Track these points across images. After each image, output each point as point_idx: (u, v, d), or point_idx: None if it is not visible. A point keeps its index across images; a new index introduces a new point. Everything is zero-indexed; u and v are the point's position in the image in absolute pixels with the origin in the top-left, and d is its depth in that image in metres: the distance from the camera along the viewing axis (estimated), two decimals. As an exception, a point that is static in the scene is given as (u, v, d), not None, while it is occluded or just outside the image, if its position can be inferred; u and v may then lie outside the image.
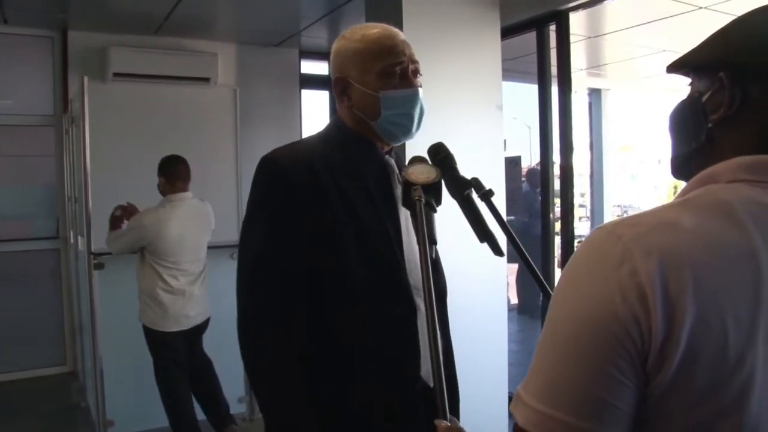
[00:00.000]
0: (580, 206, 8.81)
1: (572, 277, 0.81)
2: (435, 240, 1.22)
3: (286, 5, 4.95)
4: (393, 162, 1.61)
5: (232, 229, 4.78)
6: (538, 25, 4.04)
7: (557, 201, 4.20)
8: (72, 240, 5.13)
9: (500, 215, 1.51)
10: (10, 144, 5.40)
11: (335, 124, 1.63)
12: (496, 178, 3.48)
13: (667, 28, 4.86)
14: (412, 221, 1.27)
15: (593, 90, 7.63)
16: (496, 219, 1.49)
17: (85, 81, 3.92)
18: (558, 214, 4.17)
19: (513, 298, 6.89)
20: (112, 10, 4.88)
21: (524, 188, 7.28)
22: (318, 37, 5.70)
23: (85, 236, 3.97)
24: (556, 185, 4.15)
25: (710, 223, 0.77)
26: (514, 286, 7.16)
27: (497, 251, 1.45)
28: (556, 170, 4.11)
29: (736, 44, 0.86)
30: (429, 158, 1.55)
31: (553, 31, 3.99)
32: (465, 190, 1.50)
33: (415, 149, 1.61)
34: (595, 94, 7.65)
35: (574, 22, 3.94)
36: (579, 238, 4.20)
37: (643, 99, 9.04)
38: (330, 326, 1.48)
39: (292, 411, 1.44)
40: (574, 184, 4.10)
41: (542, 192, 4.28)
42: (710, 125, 0.87)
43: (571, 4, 3.73)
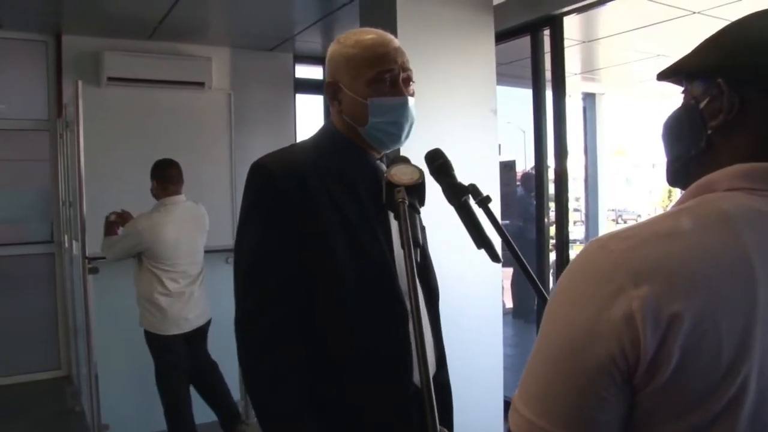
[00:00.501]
0: (575, 210, 8.83)
1: (564, 291, 0.81)
2: (419, 243, 1.20)
3: (281, 10, 4.96)
4: (384, 167, 1.61)
5: (226, 234, 4.78)
6: (533, 29, 4.06)
7: (552, 205, 4.21)
8: (66, 244, 5.12)
9: (498, 221, 1.51)
10: (5, 148, 5.39)
11: (327, 129, 1.63)
12: (490, 182, 3.48)
13: (661, 33, 4.88)
14: (397, 223, 1.25)
15: (587, 94, 7.64)
16: (493, 225, 1.49)
17: (80, 85, 3.92)
18: (553, 219, 4.18)
19: (508, 302, 6.90)
20: (107, 14, 4.88)
21: (519, 192, 7.29)
22: (312, 41, 5.71)
23: (80, 240, 3.96)
24: (551, 189, 4.16)
25: (706, 233, 0.77)
26: (509, 290, 7.17)
27: (494, 258, 1.45)
28: (551, 174, 4.12)
29: (733, 49, 0.85)
30: (426, 164, 1.55)
31: (547, 36, 4.00)
32: (462, 196, 1.50)
33: (410, 154, 1.61)
34: (590, 98, 7.67)
35: (568, 27, 3.96)
36: (573, 243, 4.21)
37: (637, 103, 9.08)
38: (321, 331, 1.47)
39: (288, 415, 1.44)
40: (569, 189, 4.11)
41: (537, 196, 4.29)
42: (709, 132, 0.86)
43: (566, 9, 3.75)
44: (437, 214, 1.54)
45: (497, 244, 1.49)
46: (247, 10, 4.86)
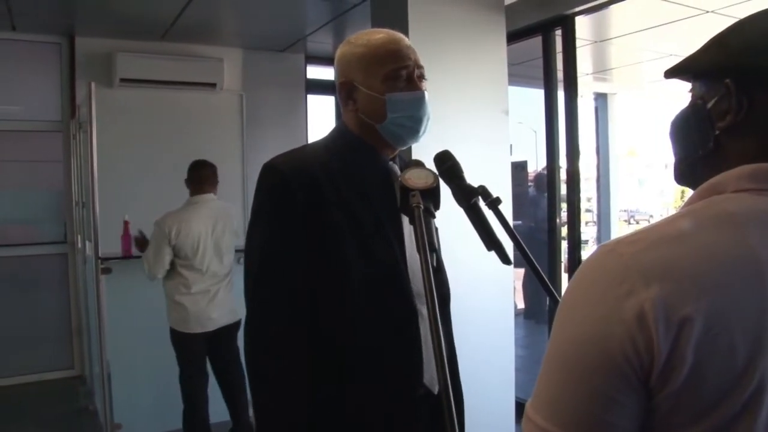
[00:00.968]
0: (587, 211, 8.79)
1: (574, 295, 0.81)
2: (435, 247, 1.20)
3: (292, 11, 4.97)
4: (396, 168, 1.60)
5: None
6: (544, 29, 4.05)
7: (564, 206, 4.19)
8: (79, 245, 5.15)
9: (508, 223, 1.50)
10: (19, 149, 5.44)
11: (339, 130, 1.63)
12: (502, 182, 3.48)
13: (674, 32, 4.86)
14: (412, 227, 1.25)
15: (599, 94, 7.61)
16: (503, 227, 1.48)
17: (93, 86, 3.94)
18: (564, 219, 4.17)
19: (519, 303, 6.88)
20: (119, 16, 4.91)
21: (531, 193, 7.28)
22: (324, 42, 5.72)
23: (93, 241, 3.99)
24: (563, 190, 4.15)
25: (713, 235, 0.76)
26: (520, 291, 7.15)
27: (505, 260, 1.44)
28: (563, 175, 4.11)
29: (740, 49, 0.84)
30: (435, 166, 1.55)
31: (559, 36, 3.99)
32: (472, 198, 1.50)
33: (422, 153, 1.61)
34: (602, 98, 7.64)
35: (580, 27, 3.95)
36: (585, 243, 4.20)
37: (649, 103, 9.03)
38: (329, 331, 1.47)
39: (290, 414, 1.45)
40: (581, 189, 4.09)
41: (549, 197, 4.27)
42: (717, 132, 0.85)
43: (577, 9, 3.73)
44: (449, 214, 1.53)
45: (508, 246, 1.48)
46: (258, 11, 4.87)
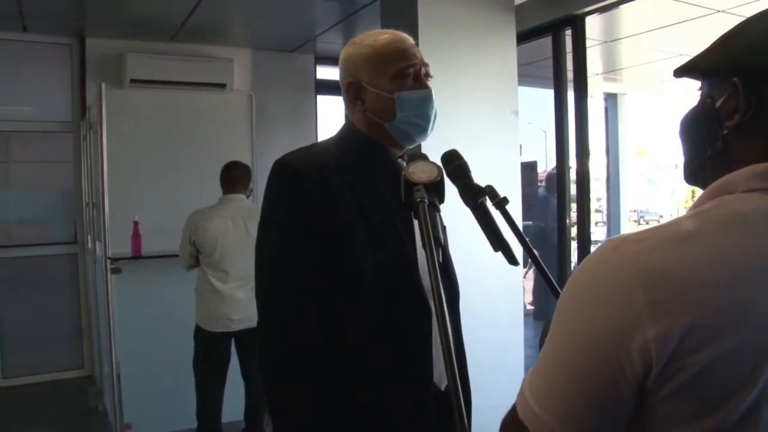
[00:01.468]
0: (597, 211, 8.76)
1: (575, 291, 0.81)
2: (440, 242, 1.19)
3: (302, 11, 4.98)
4: (405, 165, 1.60)
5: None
6: (554, 29, 4.03)
7: (573, 206, 4.18)
8: (89, 245, 5.17)
9: (515, 223, 1.49)
10: (29, 150, 5.48)
11: (347, 129, 1.64)
12: (511, 183, 3.47)
13: (684, 32, 4.83)
14: (417, 222, 1.24)
15: (609, 94, 7.59)
16: (510, 227, 1.48)
17: (103, 87, 3.96)
18: (574, 219, 4.16)
19: (529, 303, 6.87)
20: (129, 17, 4.93)
21: (542, 193, 7.26)
22: (333, 42, 5.72)
23: (103, 241, 4.00)
24: (573, 190, 4.13)
25: (722, 237, 0.76)
26: (530, 291, 7.13)
27: (512, 260, 1.44)
28: (573, 175, 4.09)
29: (748, 48, 0.83)
30: (443, 165, 1.54)
31: (568, 36, 3.98)
32: (479, 198, 1.49)
33: (431, 152, 1.61)
34: (612, 98, 7.61)
35: (589, 27, 3.93)
36: (595, 243, 4.18)
37: (659, 103, 8.99)
38: (342, 328, 1.47)
39: (301, 412, 1.44)
40: (591, 189, 4.08)
41: (558, 197, 4.26)
42: (725, 132, 0.84)
43: (587, 9, 3.72)
44: (457, 213, 1.53)
45: (516, 246, 1.47)
46: (268, 11, 4.88)
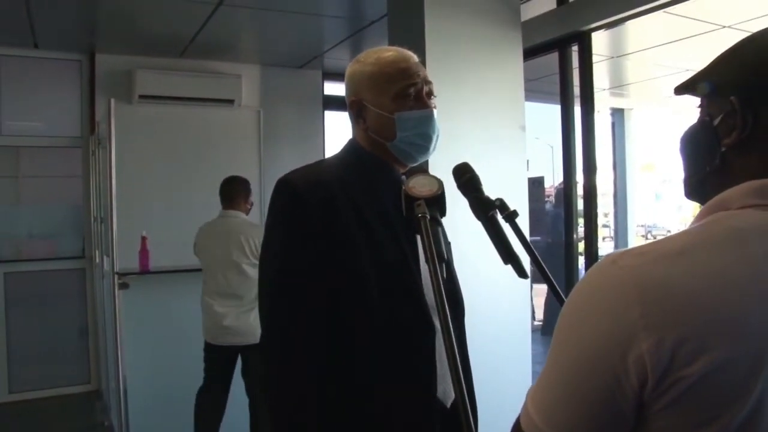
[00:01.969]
0: (604, 226, 8.74)
1: (574, 305, 0.82)
2: (444, 257, 1.19)
3: (310, 28, 5.01)
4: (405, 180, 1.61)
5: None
6: (561, 45, 4.04)
7: (581, 221, 4.17)
8: (97, 259, 5.19)
9: (525, 236, 1.50)
10: (39, 165, 5.52)
11: (351, 146, 1.64)
12: (519, 198, 3.46)
13: (690, 48, 4.84)
14: (420, 238, 1.24)
15: (616, 110, 7.60)
16: (520, 240, 1.48)
17: (112, 103, 3.99)
18: (582, 234, 4.14)
19: (538, 318, 6.85)
20: (139, 33, 4.98)
21: (550, 208, 7.25)
22: (341, 58, 5.75)
23: (111, 256, 4.01)
24: (580, 205, 4.13)
25: (716, 251, 0.77)
26: (540, 306, 7.10)
27: (521, 273, 1.44)
28: (580, 190, 4.09)
29: (745, 67, 0.85)
30: (454, 178, 1.55)
31: (575, 52, 3.99)
32: (489, 211, 1.49)
33: (439, 168, 1.61)
34: (618, 113, 7.63)
35: (596, 42, 3.94)
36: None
37: (666, 118, 8.99)
38: (346, 344, 1.47)
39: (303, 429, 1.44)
40: (598, 204, 4.07)
41: (565, 212, 4.25)
42: (724, 149, 0.86)
43: (594, 25, 3.73)
44: (465, 227, 1.53)
45: (525, 259, 1.47)
46: (276, 28, 4.92)
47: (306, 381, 1.44)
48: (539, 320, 7.08)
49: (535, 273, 1.69)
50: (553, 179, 7.18)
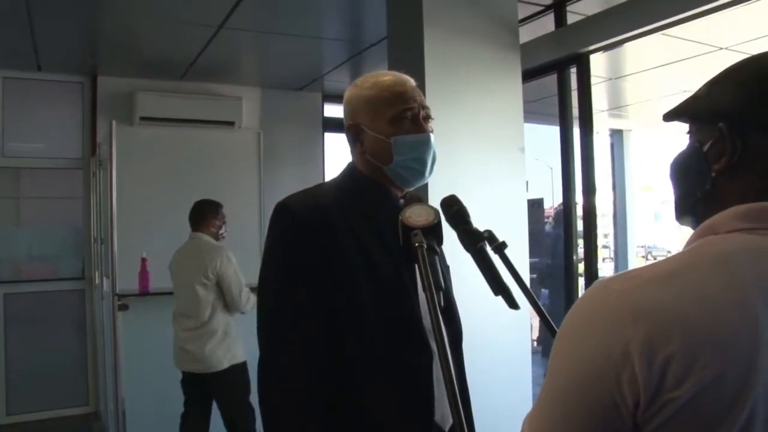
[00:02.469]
0: (604, 247, 8.72)
1: (567, 330, 0.84)
2: (441, 286, 1.19)
3: (309, 50, 5.04)
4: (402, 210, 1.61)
5: (254, 271, 4.78)
6: (559, 67, 4.06)
7: (580, 242, 4.17)
8: (97, 281, 5.18)
9: (514, 267, 1.50)
10: (39, 186, 5.52)
11: (349, 170, 1.65)
12: (518, 220, 3.47)
13: (688, 69, 4.87)
14: (417, 268, 1.24)
15: (615, 131, 7.63)
16: (509, 271, 1.49)
17: (113, 125, 4.01)
18: (581, 255, 4.14)
19: (537, 341, 6.81)
20: (140, 56, 5.02)
21: (550, 229, 7.24)
22: (341, 81, 5.79)
23: (110, 277, 4.01)
24: (579, 226, 4.13)
25: (705, 274, 0.79)
26: (538, 328, 7.06)
27: (512, 305, 1.44)
28: (579, 211, 4.09)
29: (731, 94, 0.87)
30: (441, 211, 1.55)
31: (573, 73, 4.01)
32: (478, 243, 1.50)
33: (439, 191, 1.62)
34: (617, 134, 7.65)
35: (594, 64, 3.96)
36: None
37: (664, 139, 9.03)
38: (344, 370, 1.47)
39: None
40: (597, 225, 4.07)
41: (565, 233, 4.25)
42: (714, 174, 0.88)
43: (592, 47, 3.76)
44: (462, 252, 1.53)
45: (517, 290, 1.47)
46: (276, 51, 4.95)
47: (305, 405, 1.43)
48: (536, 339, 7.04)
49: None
50: (553, 200, 7.19)
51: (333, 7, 4.24)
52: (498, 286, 1.44)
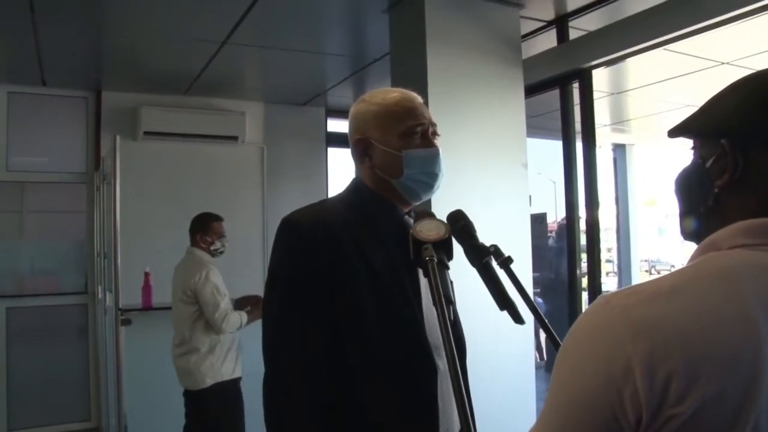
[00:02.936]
0: (608, 261, 8.71)
1: (569, 346, 0.84)
2: (450, 299, 1.20)
3: (313, 66, 5.07)
4: (412, 222, 1.61)
5: (257, 288, 4.78)
6: (562, 82, 4.08)
7: (584, 256, 4.16)
8: (100, 295, 5.18)
9: (519, 282, 1.51)
10: (43, 200, 5.53)
11: (355, 185, 1.66)
12: (521, 235, 3.47)
13: (690, 84, 4.88)
14: (427, 280, 1.24)
15: (618, 145, 7.64)
16: (515, 286, 1.49)
17: (117, 139, 4.03)
18: (585, 269, 4.13)
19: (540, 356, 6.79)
20: (144, 71, 5.05)
21: (553, 243, 7.24)
22: (344, 96, 5.82)
23: (113, 292, 4.01)
24: (583, 240, 4.12)
25: (706, 290, 0.79)
26: (543, 343, 7.05)
27: (517, 319, 1.45)
28: (582, 225, 4.09)
29: (733, 110, 0.87)
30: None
31: (576, 88, 4.02)
32: (484, 257, 1.51)
33: (443, 206, 1.62)
34: (620, 149, 7.66)
35: (597, 79, 3.97)
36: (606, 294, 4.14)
37: (667, 153, 9.03)
38: (348, 383, 1.47)
39: None
40: (601, 239, 4.07)
41: (569, 247, 4.25)
42: (717, 190, 0.88)
43: (594, 62, 3.77)
44: (468, 265, 1.53)
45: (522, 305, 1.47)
46: (279, 66, 4.97)
47: (309, 420, 1.43)
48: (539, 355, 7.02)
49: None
50: (556, 214, 7.19)
51: (336, 23, 4.26)
52: (503, 302, 1.44)
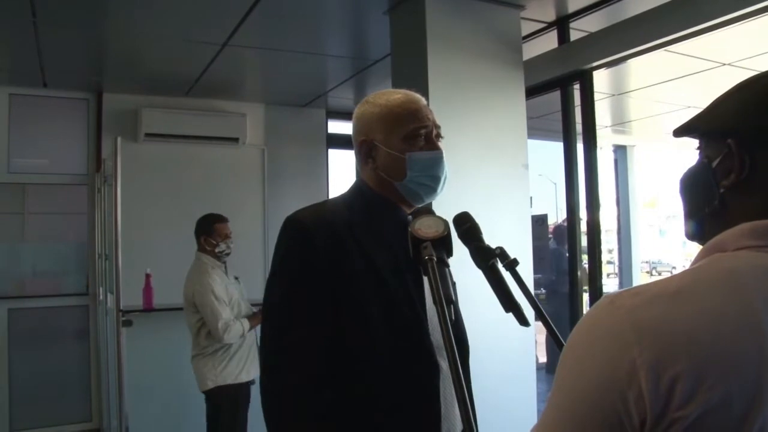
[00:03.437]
0: (609, 263, 8.71)
1: (574, 346, 0.83)
2: (452, 299, 1.19)
3: (313, 67, 5.07)
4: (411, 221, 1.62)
5: (258, 289, 4.78)
6: (563, 84, 4.07)
7: (585, 257, 4.16)
8: (101, 297, 5.18)
9: (525, 284, 1.50)
10: (44, 202, 5.54)
11: (358, 187, 1.65)
12: (523, 236, 3.47)
13: (691, 85, 4.89)
14: (427, 279, 1.23)
15: (618, 146, 7.63)
16: (521, 288, 1.49)
17: (118, 141, 4.03)
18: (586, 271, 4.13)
19: (541, 357, 6.77)
20: (145, 73, 5.05)
21: (554, 245, 7.24)
22: (344, 97, 5.82)
23: (114, 293, 4.01)
24: (584, 242, 4.12)
25: (711, 293, 0.78)
26: (542, 344, 7.04)
27: (523, 322, 1.45)
28: (583, 226, 4.09)
29: (740, 110, 0.87)
30: (454, 228, 1.55)
31: (577, 90, 4.02)
32: (490, 259, 1.51)
33: (444, 208, 1.62)
34: (621, 150, 7.66)
35: (597, 80, 3.97)
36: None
37: (668, 154, 9.03)
38: (351, 385, 1.47)
39: None
40: (602, 240, 4.06)
41: (569, 248, 4.24)
42: (722, 191, 0.88)
43: (595, 63, 3.77)
44: (471, 266, 1.53)
45: (527, 307, 1.47)
46: (280, 68, 4.97)
47: (308, 419, 1.43)
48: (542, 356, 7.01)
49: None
50: (557, 215, 7.18)
51: (336, 25, 4.27)
52: (509, 303, 1.44)
